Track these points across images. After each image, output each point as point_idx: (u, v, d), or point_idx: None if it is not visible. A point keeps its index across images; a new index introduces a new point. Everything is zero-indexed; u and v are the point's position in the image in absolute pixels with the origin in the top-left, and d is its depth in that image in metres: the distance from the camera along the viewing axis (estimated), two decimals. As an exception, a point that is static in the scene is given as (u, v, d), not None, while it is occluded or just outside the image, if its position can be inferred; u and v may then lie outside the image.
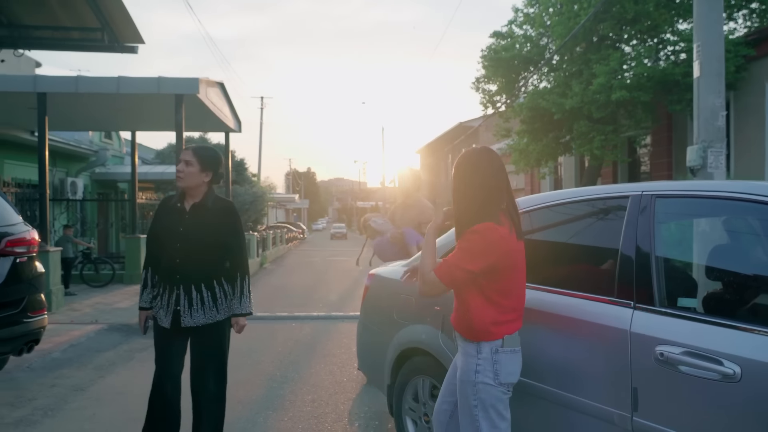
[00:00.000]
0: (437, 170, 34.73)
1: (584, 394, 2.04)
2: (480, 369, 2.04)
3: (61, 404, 3.98)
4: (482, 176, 2.09)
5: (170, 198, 2.92)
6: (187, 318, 2.78)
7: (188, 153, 2.80)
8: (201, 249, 2.77)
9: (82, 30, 6.42)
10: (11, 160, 11.83)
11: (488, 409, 2.04)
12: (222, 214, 2.83)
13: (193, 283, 2.77)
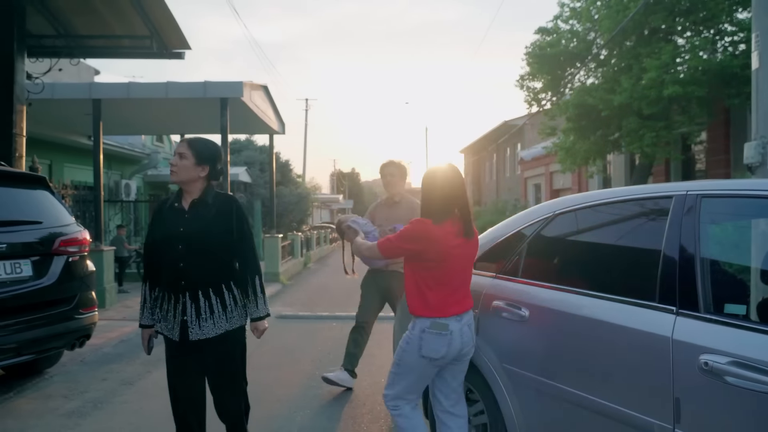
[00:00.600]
0: (482, 170, 34.31)
1: (624, 403, 1.96)
2: (410, 340, 2.53)
3: (110, 397, 4.14)
4: (438, 187, 2.54)
5: (165, 201, 2.63)
6: (195, 329, 2.47)
7: (183, 145, 2.53)
8: (206, 250, 2.48)
9: (133, 38, 6.66)
10: (71, 163, 12.46)
11: (406, 374, 2.59)
12: (225, 210, 2.54)
13: (200, 289, 2.47)
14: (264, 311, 2.61)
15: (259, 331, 2.65)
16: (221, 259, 2.53)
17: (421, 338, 2.47)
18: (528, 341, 2.43)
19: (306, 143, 30.13)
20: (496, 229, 3.01)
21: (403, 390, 2.62)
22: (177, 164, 2.50)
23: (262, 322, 2.63)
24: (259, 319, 2.62)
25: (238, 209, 2.59)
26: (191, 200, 2.53)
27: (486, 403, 2.66)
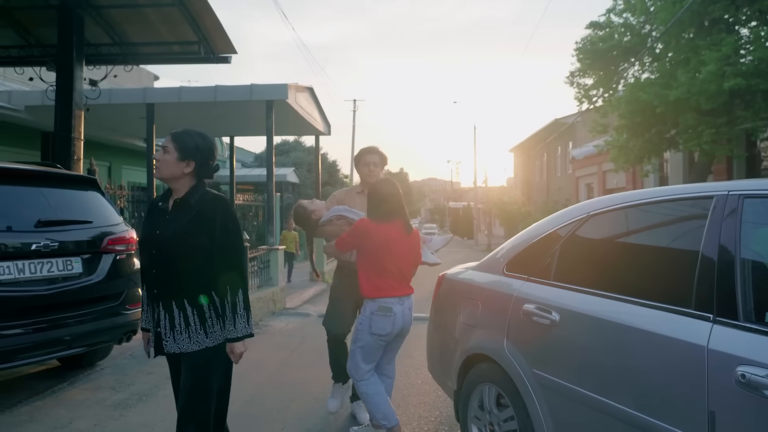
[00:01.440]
0: (531, 169, 33.56)
1: (656, 415, 1.85)
2: (362, 321, 3.14)
3: (155, 391, 4.31)
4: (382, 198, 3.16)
5: (156, 199, 2.43)
6: (169, 342, 2.25)
7: (167, 138, 2.31)
8: (182, 255, 2.21)
9: (182, 44, 6.91)
10: (128, 165, 13.07)
11: (362, 349, 3.15)
12: (207, 212, 2.24)
13: (173, 299, 2.22)
14: (243, 331, 2.24)
15: (235, 354, 2.26)
16: (201, 267, 2.22)
17: (371, 319, 3.08)
18: (558, 346, 2.35)
19: (354, 144, 30.41)
20: (529, 231, 2.93)
21: (361, 359, 3.15)
22: (159, 159, 2.27)
23: (238, 344, 2.25)
24: (236, 340, 2.24)
25: (224, 211, 2.28)
26: (175, 199, 2.30)
27: (516, 409, 2.58)
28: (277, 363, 5.23)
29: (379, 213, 3.15)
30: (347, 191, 4.01)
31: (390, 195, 3.18)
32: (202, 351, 2.24)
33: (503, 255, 3.01)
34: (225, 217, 2.27)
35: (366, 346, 3.15)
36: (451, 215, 60.30)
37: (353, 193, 3.94)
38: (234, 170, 13.00)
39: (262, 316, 7.58)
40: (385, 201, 3.17)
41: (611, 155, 13.28)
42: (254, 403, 4.09)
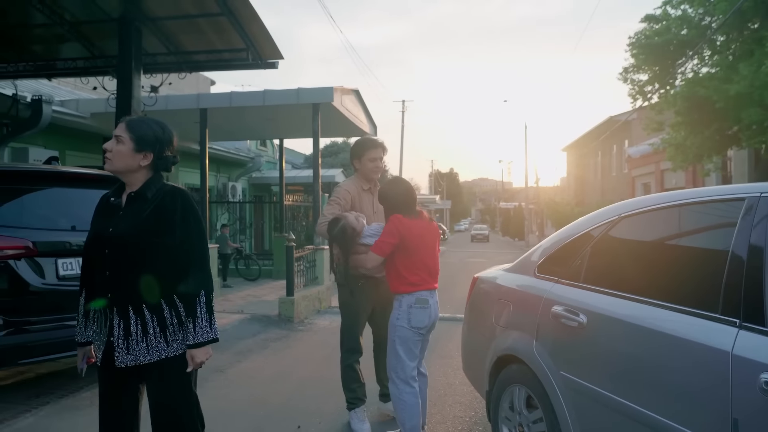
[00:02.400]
0: (585, 168, 32.58)
1: (680, 421, 1.82)
2: (399, 317, 3.15)
3: (203, 382, 4.49)
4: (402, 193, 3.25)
5: (106, 194, 2.16)
6: (122, 354, 1.98)
7: (121, 126, 2.04)
8: (139, 255, 1.98)
9: (231, 51, 7.18)
10: (184, 168, 13.66)
11: (402, 345, 3.15)
12: (166, 206, 2.02)
13: (130, 305, 1.98)
14: (204, 336, 2.01)
15: (195, 362, 2.02)
16: (160, 268, 2.01)
17: (409, 313, 3.13)
18: (585, 349, 2.34)
19: (402, 144, 30.52)
20: (561, 232, 2.91)
21: (405, 356, 3.14)
22: (112, 149, 2.01)
23: (199, 350, 2.01)
24: (197, 346, 2.00)
25: (184, 205, 2.05)
26: (129, 193, 2.06)
27: (544, 410, 2.58)
28: (319, 359, 5.37)
29: (407, 209, 3.21)
30: (356, 188, 3.66)
31: (410, 190, 3.28)
32: (163, 361, 2.00)
33: (535, 257, 3.00)
34: (186, 211, 2.05)
35: (406, 341, 3.18)
36: (501, 216, 59.38)
37: (360, 190, 3.66)
38: (283, 172, 13.35)
39: (307, 314, 7.78)
40: (409, 197, 3.25)
41: (668, 154, 12.77)
42: (296, 397, 4.24)
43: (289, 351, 5.80)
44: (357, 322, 3.63)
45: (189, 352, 2.02)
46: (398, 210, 3.21)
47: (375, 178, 3.74)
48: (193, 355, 2.02)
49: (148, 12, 6.66)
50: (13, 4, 6.96)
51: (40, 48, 7.88)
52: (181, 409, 2.08)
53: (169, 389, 2.06)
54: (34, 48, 7.90)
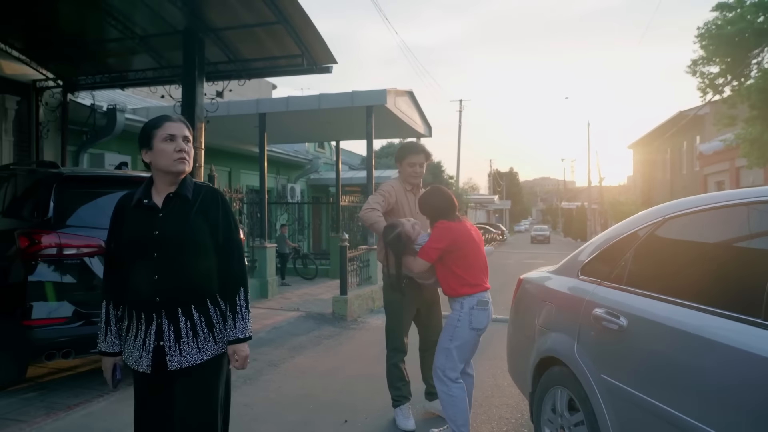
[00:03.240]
0: (653, 166, 31.10)
1: (718, 429, 1.78)
2: (460, 318, 3.19)
3: (258, 375, 4.75)
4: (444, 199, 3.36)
5: (128, 197, 2.08)
6: (175, 356, 1.98)
7: (183, 126, 2.06)
8: (187, 256, 1.98)
9: (287, 57, 7.43)
10: (246, 170, 14.23)
11: (459, 347, 3.21)
12: (210, 205, 2.04)
13: (180, 307, 1.98)
14: (244, 331, 2.05)
15: (241, 357, 2.06)
16: (205, 268, 2.03)
17: (471, 314, 3.18)
18: (625, 352, 2.30)
19: (460, 144, 30.33)
20: (605, 234, 2.88)
21: (458, 358, 3.21)
22: (188, 150, 2.04)
23: (242, 346, 2.05)
24: (239, 342, 2.04)
25: (224, 204, 2.09)
26: (167, 194, 2.03)
27: (585, 414, 2.56)
28: (370, 357, 5.48)
29: (451, 214, 3.30)
30: (399, 188, 3.74)
31: (450, 197, 3.37)
32: (212, 360, 2.02)
33: (580, 258, 2.97)
34: (225, 209, 2.08)
35: (465, 344, 3.23)
36: (563, 216, 57.66)
37: (404, 191, 3.75)
38: (339, 173, 13.62)
39: (360, 312, 7.93)
40: (450, 203, 3.33)
41: (742, 150, 12.06)
42: (345, 393, 4.37)
43: (341, 348, 5.96)
44: (401, 322, 3.70)
45: (232, 347, 2.04)
46: (442, 216, 3.28)
47: (414, 183, 3.80)
48: (236, 350, 2.04)
49: (210, 23, 7.02)
50: (91, 22, 7.53)
51: (114, 61, 8.47)
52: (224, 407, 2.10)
53: (214, 386, 2.04)
54: (109, 61, 8.50)
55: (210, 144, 7.65)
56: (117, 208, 2.08)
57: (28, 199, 4.12)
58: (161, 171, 2.02)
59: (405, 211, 3.71)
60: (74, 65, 8.62)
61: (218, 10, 6.84)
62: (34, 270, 3.72)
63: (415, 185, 3.83)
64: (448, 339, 3.24)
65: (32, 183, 4.16)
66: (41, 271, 3.73)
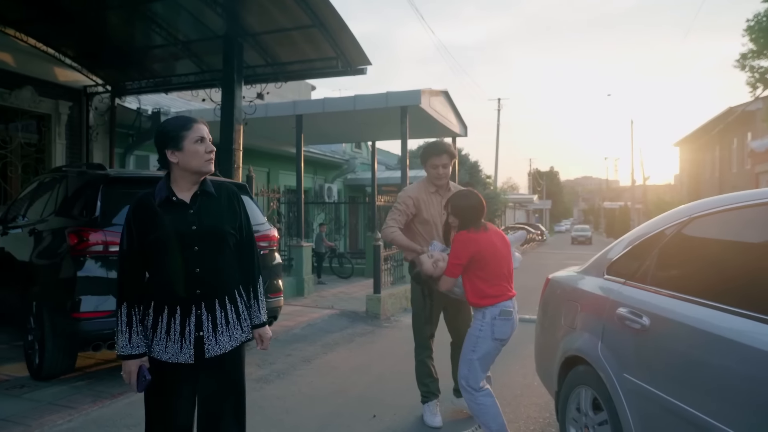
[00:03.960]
0: (701, 164, 29.95)
1: (728, 422, 1.77)
2: (482, 329, 3.13)
3: (291, 370, 4.89)
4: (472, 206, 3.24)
5: (147, 197, 2.11)
6: (212, 345, 2.09)
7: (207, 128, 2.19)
8: (225, 249, 2.14)
9: (322, 60, 7.59)
10: (284, 170, 14.53)
11: (481, 358, 3.15)
12: (233, 201, 2.20)
13: (217, 297, 2.10)
14: (265, 315, 2.26)
15: (266, 339, 2.27)
16: (233, 260, 2.18)
17: (493, 324, 3.11)
18: (647, 352, 2.29)
19: (498, 143, 30.03)
20: (632, 233, 2.87)
21: (481, 368, 3.15)
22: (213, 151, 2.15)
23: (266, 329, 2.26)
24: (262, 325, 2.24)
25: (239, 200, 2.24)
26: (194, 192, 2.13)
27: (609, 413, 2.55)
28: (401, 354, 5.54)
29: (476, 223, 3.20)
30: (424, 191, 3.75)
31: (481, 204, 3.25)
32: (239, 347, 2.19)
33: (605, 258, 2.96)
34: (243, 206, 2.26)
35: (487, 354, 3.17)
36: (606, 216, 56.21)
37: (429, 193, 3.75)
38: (375, 173, 13.73)
39: (394, 311, 8.00)
40: (479, 210, 3.23)
41: (795, 147, 11.51)
42: (374, 389, 4.45)
43: (373, 346, 6.05)
44: (426, 320, 3.74)
45: (257, 331, 2.23)
46: (467, 224, 3.19)
47: (439, 184, 3.74)
48: (261, 333, 2.25)
49: (248, 28, 7.24)
50: (137, 30, 7.89)
51: (158, 66, 8.84)
52: (243, 391, 2.24)
53: (236, 373, 2.20)
54: (154, 66, 8.88)
55: (249, 145, 7.89)
56: (137, 207, 2.09)
57: (77, 199, 4.37)
58: (189, 171, 2.09)
59: (432, 213, 3.71)
60: (122, 71, 9.04)
61: (256, 15, 7.06)
62: (82, 266, 3.95)
63: (441, 186, 3.77)
64: (470, 350, 3.17)
65: (81, 184, 4.42)
66: (89, 266, 3.97)
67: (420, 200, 3.69)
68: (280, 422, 3.67)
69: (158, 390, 2.10)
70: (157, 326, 2.07)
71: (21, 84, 8.19)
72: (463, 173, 20.89)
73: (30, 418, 3.52)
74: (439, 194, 3.77)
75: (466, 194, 3.32)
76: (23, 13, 7.61)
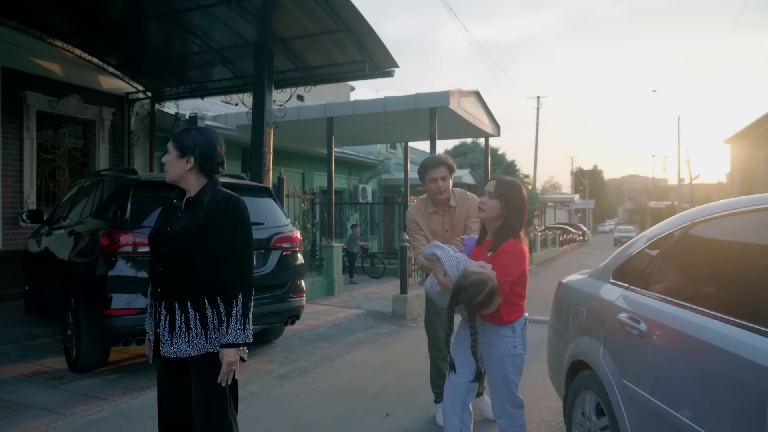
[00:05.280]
0: (754, 161, 28.54)
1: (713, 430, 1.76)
2: (516, 345, 2.67)
3: (312, 368, 5.02)
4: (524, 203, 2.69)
5: (170, 199, 2.35)
6: (166, 345, 2.16)
7: (170, 140, 2.25)
8: (189, 255, 2.15)
9: (350, 63, 7.71)
10: (318, 171, 14.76)
11: (518, 370, 2.72)
12: (217, 212, 2.17)
13: (176, 300, 2.15)
14: (236, 338, 2.11)
15: (224, 362, 2.11)
16: (206, 269, 2.16)
17: (523, 336, 2.76)
18: (644, 358, 2.29)
19: (537, 142, 29.51)
20: (637, 239, 2.84)
21: (518, 381, 2.75)
22: (165, 161, 2.22)
23: (229, 351, 2.11)
24: (228, 347, 2.11)
25: (235, 212, 2.19)
26: (187, 198, 2.25)
27: (610, 419, 2.55)
28: (422, 355, 5.54)
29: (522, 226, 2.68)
30: (422, 212, 3.56)
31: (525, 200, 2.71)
32: (204, 356, 2.16)
33: (612, 263, 2.95)
34: (236, 218, 2.18)
35: (521, 366, 2.74)
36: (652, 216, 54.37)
37: (427, 214, 3.54)
38: (408, 173, 13.79)
39: (420, 311, 8.03)
40: (526, 211, 2.71)
41: None
42: (391, 388, 4.53)
43: (396, 346, 6.12)
44: (437, 321, 3.76)
45: (220, 351, 2.13)
46: (518, 227, 2.64)
47: (440, 199, 3.46)
48: (223, 353, 2.12)
49: (278, 34, 7.43)
50: (175, 39, 8.22)
51: (195, 73, 9.17)
52: (213, 402, 2.18)
53: (206, 382, 2.16)
54: (191, 73, 9.22)
55: (284, 147, 8.06)
56: (163, 206, 2.37)
57: (111, 202, 4.63)
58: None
59: (432, 230, 3.49)
60: (161, 78, 9.44)
61: (285, 22, 7.24)
62: (114, 265, 4.19)
63: (442, 201, 3.48)
64: (509, 372, 2.67)
65: (115, 188, 4.67)
66: (120, 266, 4.20)
67: (419, 222, 3.55)
68: (296, 418, 3.80)
69: (157, 371, 2.32)
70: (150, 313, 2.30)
71: (68, 92, 8.67)
72: (499, 173, 20.67)
73: (64, 407, 3.77)
74: (438, 214, 3.54)
75: (518, 185, 2.69)
76: (70, 25, 8.06)
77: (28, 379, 4.36)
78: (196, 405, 2.19)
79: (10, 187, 8.02)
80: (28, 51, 8.14)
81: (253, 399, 4.13)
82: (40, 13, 7.76)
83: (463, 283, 2.47)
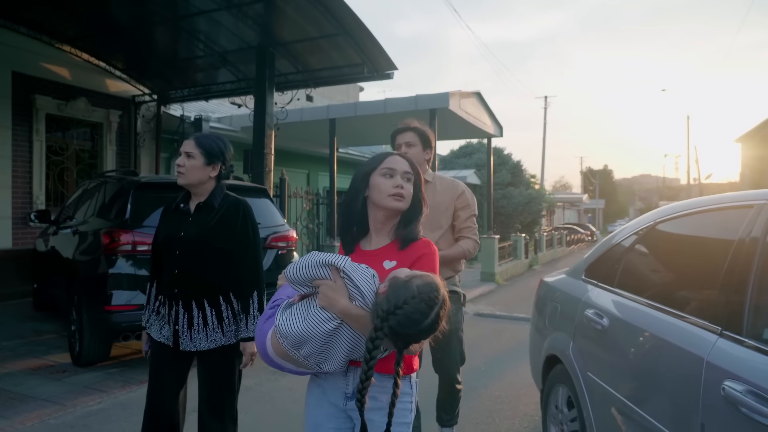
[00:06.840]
0: (765, 160, 28.25)
1: (665, 424, 1.86)
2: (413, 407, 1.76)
3: (307, 364, 5.15)
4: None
5: (172, 201, 2.42)
6: (186, 340, 2.31)
7: (190, 143, 2.30)
8: (204, 257, 2.30)
9: (350, 66, 7.84)
10: (323, 172, 14.91)
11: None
12: (230, 216, 2.32)
13: (193, 299, 2.30)
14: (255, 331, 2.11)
15: (246, 353, 2.32)
16: (221, 269, 2.32)
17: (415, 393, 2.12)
18: (605, 351, 2.41)
19: (545, 142, 29.41)
20: (608, 238, 2.95)
21: None
22: (184, 165, 2.28)
23: (251, 344, 2.29)
24: (249, 340, 2.30)
25: (245, 215, 2.35)
26: (198, 203, 2.34)
27: (578, 411, 2.66)
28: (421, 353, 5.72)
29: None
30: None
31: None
32: (219, 349, 2.33)
33: (585, 261, 3.05)
34: (245, 221, 2.34)
35: None
36: (662, 216, 53.66)
37: None
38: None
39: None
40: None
41: None
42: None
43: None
44: None
45: (242, 345, 2.32)
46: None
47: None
48: (245, 347, 2.32)
49: (279, 38, 7.59)
50: (180, 43, 8.42)
51: (199, 76, 9.37)
52: (226, 391, 2.37)
53: (220, 373, 2.36)
54: (196, 76, 9.41)
55: (290, 148, 8.22)
56: (164, 210, 2.47)
57: (113, 202, 4.80)
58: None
59: None
60: (166, 81, 9.64)
61: (286, 26, 7.40)
62: (114, 263, 4.36)
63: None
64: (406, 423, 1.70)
65: (116, 189, 4.84)
66: (120, 264, 4.37)
67: None
68: (287, 411, 3.94)
69: (152, 366, 2.42)
70: (161, 311, 2.40)
71: (76, 96, 8.89)
72: (505, 173, 20.69)
73: (66, 399, 3.94)
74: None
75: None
76: (78, 30, 8.28)
77: (34, 373, 4.54)
78: (208, 395, 2.36)
79: (20, 188, 8.26)
80: (38, 56, 8.37)
81: (248, 392, 4.28)
82: (49, 19, 7.99)
83: (403, 295, 1.36)
